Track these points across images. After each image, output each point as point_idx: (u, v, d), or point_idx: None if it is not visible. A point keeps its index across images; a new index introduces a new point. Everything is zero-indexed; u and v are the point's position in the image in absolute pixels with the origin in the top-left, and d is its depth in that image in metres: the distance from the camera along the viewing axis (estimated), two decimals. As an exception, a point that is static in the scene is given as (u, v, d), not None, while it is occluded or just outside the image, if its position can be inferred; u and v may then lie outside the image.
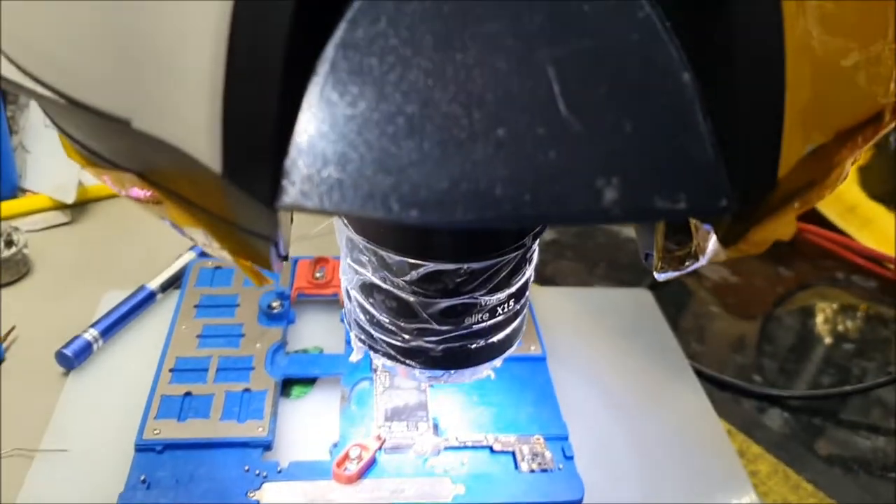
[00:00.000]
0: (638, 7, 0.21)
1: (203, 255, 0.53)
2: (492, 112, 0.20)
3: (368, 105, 0.20)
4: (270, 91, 0.19)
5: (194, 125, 0.19)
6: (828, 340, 0.55)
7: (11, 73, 0.22)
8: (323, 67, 0.20)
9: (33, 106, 0.64)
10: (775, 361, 0.52)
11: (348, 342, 0.46)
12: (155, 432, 0.39)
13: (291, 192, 0.19)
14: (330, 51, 0.20)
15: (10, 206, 0.59)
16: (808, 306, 0.58)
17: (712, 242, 0.22)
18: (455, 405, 0.42)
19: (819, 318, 0.58)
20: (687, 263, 0.24)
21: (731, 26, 0.20)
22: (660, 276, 0.26)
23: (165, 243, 0.55)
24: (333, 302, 0.49)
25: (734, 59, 0.20)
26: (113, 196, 0.62)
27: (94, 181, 0.61)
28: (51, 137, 0.63)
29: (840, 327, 0.57)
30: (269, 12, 0.18)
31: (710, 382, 0.48)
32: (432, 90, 0.20)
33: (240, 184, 0.19)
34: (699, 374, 0.47)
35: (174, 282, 0.51)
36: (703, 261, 0.23)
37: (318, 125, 0.19)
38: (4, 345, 0.47)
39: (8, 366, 0.46)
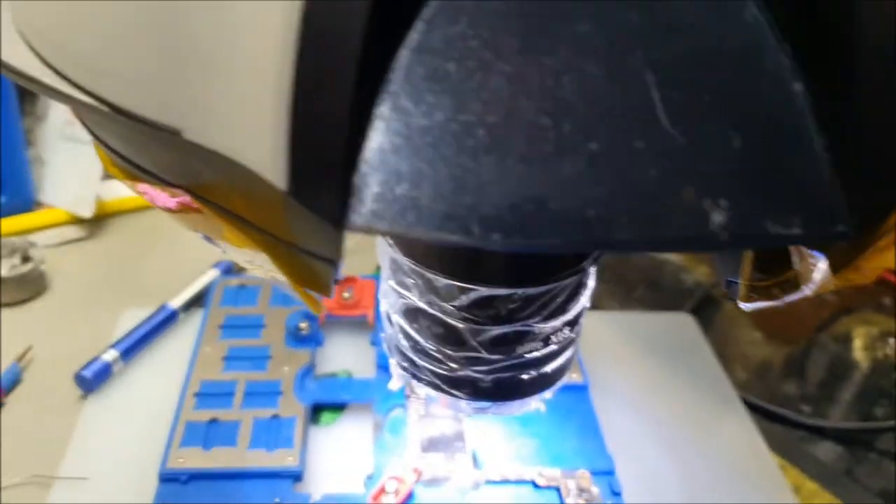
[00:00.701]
0: (743, 6, 0.19)
1: (228, 272, 0.51)
2: (583, 123, 0.18)
3: (446, 115, 0.18)
4: (342, 99, 0.17)
5: (255, 136, 0.17)
6: (874, 367, 0.52)
7: (48, 78, 0.20)
8: (397, 74, 0.18)
9: (51, 117, 0.63)
10: (822, 390, 0.49)
11: (379, 366, 0.44)
12: (179, 461, 0.37)
13: (362, 211, 0.17)
14: (404, 55, 0.18)
15: (26, 220, 0.57)
16: (852, 331, 0.56)
17: (820, 271, 0.20)
18: (493, 436, 0.39)
19: (862, 344, 0.55)
20: (783, 294, 0.22)
21: (851, 29, 0.18)
22: (746, 307, 0.24)
23: (186, 259, 0.53)
24: (362, 323, 0.47)
25: (853, 67, 0.18)
26: (132, 210, 0.60)
27: (113, 195, 0.59)
28: (68, 149, 0.61)
29: (884, 353, 0.54)
30: (344, 12, 0.16)
31: (757, 412, 0.45)
32: (516, 98, 0.18)
33: (306, 202, 0.17)
34: (746, 403, 0.45)
35: (197, 300, 0.49)
36: (806, 291, 0.21)
37: (390, 138, 0.17)
38: (21, 365, 0.45)
39: (25, 387, 0.44)
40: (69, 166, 0.61)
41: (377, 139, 0.17)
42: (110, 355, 0.44)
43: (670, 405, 0.43)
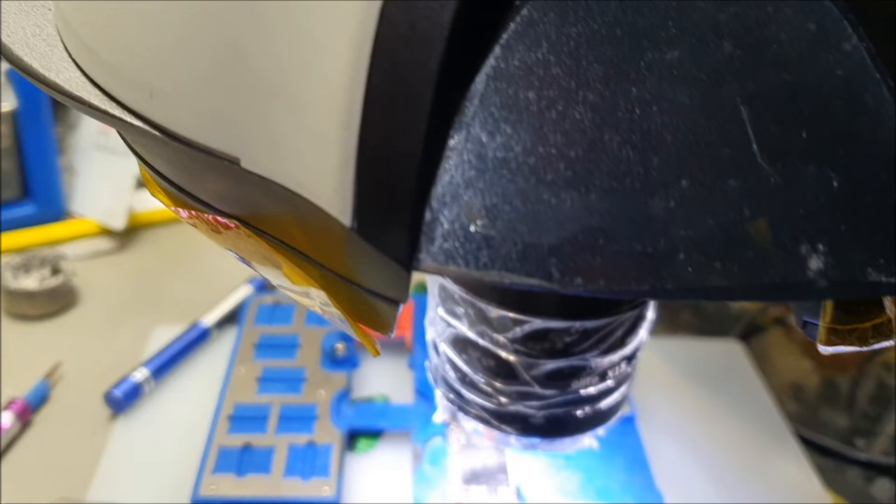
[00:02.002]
0: (844, 37, 0.17)
1: (262, 289, 0.50)
2: (673, 158, 0.16)
3: (524, 147, 0.16)
4: (415, 131, 0.15)
5: (320, 168, 0.16)
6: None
7: (98, 100, 0.19)
8: (472, 102, 0.16)
9: (83, 126, 0.62)
10: (874, 422, 0.47)
11: (418, 391, 0.42)
12: (212, 488, 0.35)
13: (432, 251, 0.16)
14: (480, 82, 0.16)
15: (55, 230, 0.57)
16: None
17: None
18: (537, 468, 0.38)
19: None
20: (871, 340, 0.20)
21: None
22: (825, 350, 0.22)
23: (219, 273, 0.52)
24: (399, 345, 0.46)
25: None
26: (163, 223, 0.59)
27: (144, 207, 0.59)
28: (101, 159, 0.61)
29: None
30: (419, 39, 0.15)
31: (809, 446, 0.44)
32: (601, 130, 0.16)
33: (372, 240, 0.16)
34: (799, 437, 0.43)
35: (230, 317, 0.48)
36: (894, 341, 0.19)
37: (464, 171, 0.16)
38: (50, 382, 0.44)
39: (53, 405, 0.43)
40: (101, 177, 0.60)
41: (449, 173, 0.16)
42: (141, 374, 0.43)
43: (719, 438, 0.42)
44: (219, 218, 0.18)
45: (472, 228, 0.16)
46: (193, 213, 0.19)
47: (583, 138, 0.16)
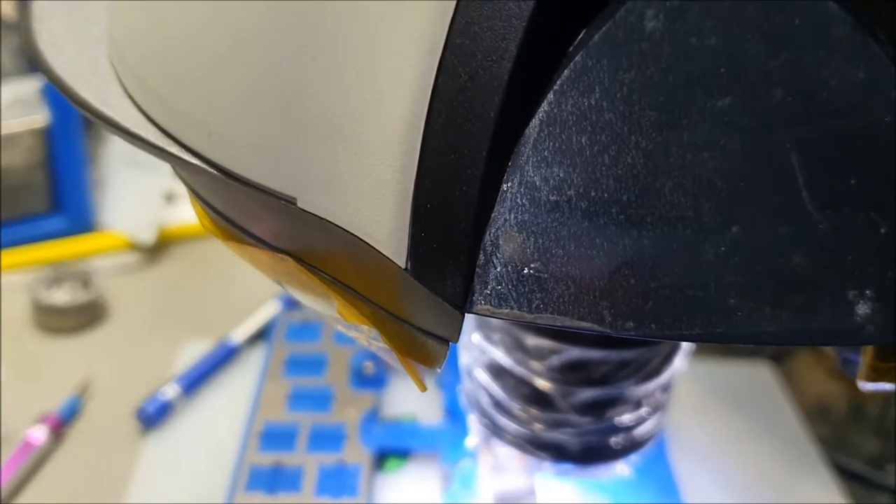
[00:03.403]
0: (892, 84, 0.17)
1: (290, 306, 0.50)
2: (724, 204, 0.16)
3: (577, 191, 0.16)
4: (473, 175, 0.16)
5: (376, 210, 0.16)
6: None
7: (152, 136, 0.19)
8: (525, 147, 0.17)
9: (113, 141, 0.63)
10: (903, 448, 0.47)
11: (447, 410, 0.42)
12: (244, 507, 0.36)
13: (485, 293, 0.16)
14: (534, 127, 0.17)
15: (84, 243, 0.57)
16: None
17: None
18: (565, 492, 0.38)
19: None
20: (915, 379, 0.20)
21: None
22: (866, 386, 0.22)
23: (247, 289, 0.52)
24: (426, 364, 0.46)
25: None
26: (191, 237, 0.59)
27: (174, 222, 0.59)
28: (131, 174, 0.61)
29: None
30: (479, 86, 0.15)
31: (840, 471, 0.43)
32: (653, 175, 0.16)
33: (426, 282, 0.16)
34: (831, 464, 0.43)
35: (259, 334, 0.48)
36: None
37: (517, 214, 0.16)
38: (81, 397, 0.44)
39: (85, 420, 0.44)
40: (131, 191, 0.61)
41: (503, 216, 0.16)
42: (172, 390, 0.43)
43: (750, 463, 0.41)
44: (272, 253, 0.19)
45: (525, 271, 0.16)
46: (245, 246, 0.20)
47: (635, 183, 0.16)
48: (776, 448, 0.42)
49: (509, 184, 0.16)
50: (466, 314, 0.16)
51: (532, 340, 0.27)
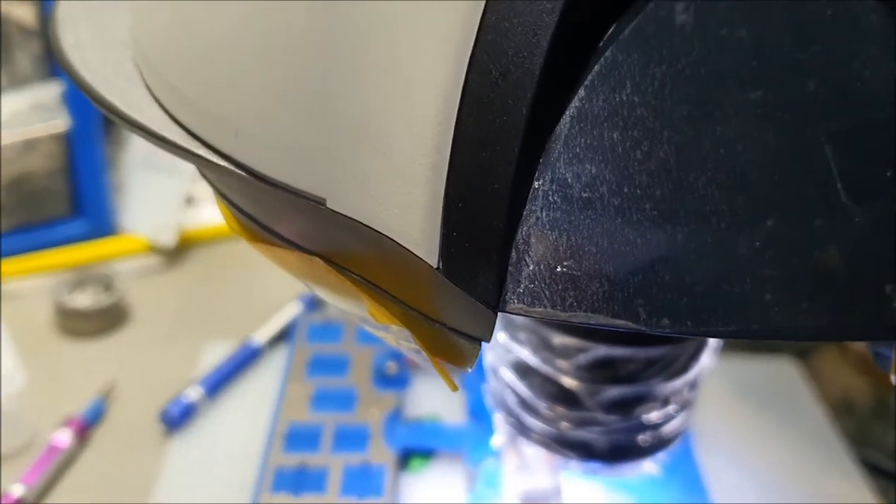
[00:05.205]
0: (928, 74, 0.17)
1: (311, 306, 0.50)
2: (759, 197, 0.16)
3: (609, 188, 0.16)
4: (505, 174, 0.15)
5: (407, 210, 0.16)
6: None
7: (178, 138, 0.19)
8: (556, 144, 0.16)
9: (134, 143, 0.63)
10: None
11: (471, 411, 0.42)
12: (270, 508, 0.36)
13: (518, 291, 0.16)
14: (565, 123, 0.16)
15: (105, 247, 0.57)
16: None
17: None
18: (592, 490, 0.38)
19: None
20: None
21: None
22: (900, 381, 0.22)
23: (268, 291, 0.52)
24: (449, 364, 0.46)
25: None
26: (211, 240, 0.60)
27: (194, 224, 0.59)
28: (150, 177, 0.62)
29: None
30: (511, 83, 0.15)
31: (867, 467, 0.43)
32: (686, 169, 0.16)
33: (459, 282, 0.16)
34: (858, 460, 0.43)
35: (280, 335, 0.48)
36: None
37: (549, 212, 0.16)
38: (105, 399, 0.44)
39: (109, 423, 0.44)
40: (150, 194, 0.61)
41: (535, 213, 0.16)
42: (195, 392, 0.43)
43: (776, 460, 0.41)
44: (301, 255, 0.19)
45: (559, 269, 0.16)
46: (273, 247, 0.20)
47: (668, 178, 0.16)
48: (803, 445, 0.42)
49: (541, 181, 0.16)
50: (498, 314, 0.16)
51: (559, 339, 0.27)
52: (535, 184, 0.16)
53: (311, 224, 0.18)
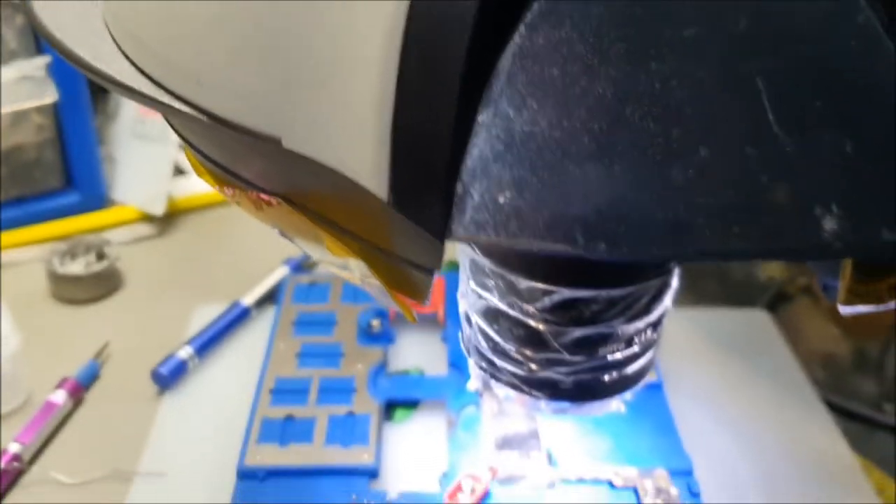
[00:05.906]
0: (856, 10, 0.18)
1: (298, 269, 0.51)
2: (692, 129, 0.17)
3: (549, 122, 0.17)
4: (447, 108, 0.16)
5: (357, 147, 0.17)
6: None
7: (145, 87, 0.20)
8: (499, 80, 0.17)
9: (122, 115, 0.64)
10: (903, 388, 0.48)
11: (451, 364, 0.44)
12: (257, 458, 0.37)
13: (463, 221, 0.17)
14: (506, 60, 0.17)
15: (98, 217, 0.58)
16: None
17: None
18: (568, 433, 0.39)
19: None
20: (887, 299, 0.21)
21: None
22: (845, 310, 0.23)
23: (256, 256, 0.53)
24: (432, 321, 0.47)
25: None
26: (201, 207, 0.60)
27: (183, 192, 0.60)
28: (139, 147, 0.62)
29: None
30: (448, 19, 0.16)
31: (838, 412, 0.44)
32: (623, 104, 0.17)
33: (408, 213, 0.17)
34: (827, 403, 0.44)
35: (268, 297, 0.49)
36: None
37: (492, 145, 0.17)
38: (99, 361, 0.46)
39: (103, 383, 0.45)
40: (140, 164, 0.62)
41: (478, 147, 0.17)
42: (186, 352, 0.44)
43: (747, 404, 0.42)
44: (262, 195, 0.20)
45: (501, 200, 0.17)
46: (238, 191, 0.21)
47: (606, 112, 0.17)
48: (774, 389, 0.43)
49: (484, 116, 0.17)
50: (447, 242, 0.17)
51: (525, 283, 0.28)
52: (479, 118, 0.17)
53: (270, 165, 0.19)
